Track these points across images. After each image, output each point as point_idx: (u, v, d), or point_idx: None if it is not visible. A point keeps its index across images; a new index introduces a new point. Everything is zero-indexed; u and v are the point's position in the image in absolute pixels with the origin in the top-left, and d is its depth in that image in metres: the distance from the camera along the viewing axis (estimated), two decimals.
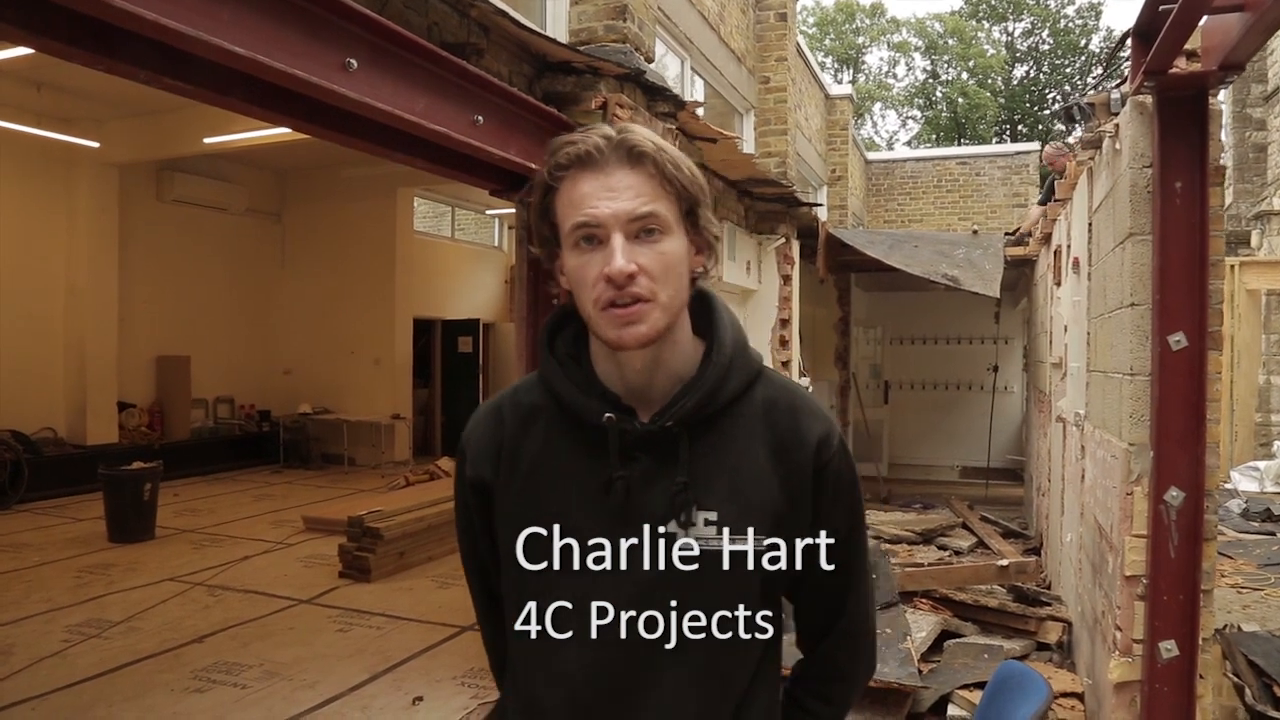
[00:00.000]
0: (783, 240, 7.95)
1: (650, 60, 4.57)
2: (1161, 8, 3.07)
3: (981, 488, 11.45)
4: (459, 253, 14.46)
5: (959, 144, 29.10)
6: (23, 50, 6.01)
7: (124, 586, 6.21)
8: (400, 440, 12.34)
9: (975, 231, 9.96)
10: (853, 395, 11.64)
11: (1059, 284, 6.76)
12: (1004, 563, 5.35)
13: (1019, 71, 33.01)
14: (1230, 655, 4.37)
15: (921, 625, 4.98)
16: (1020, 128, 32.09)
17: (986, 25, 33.10)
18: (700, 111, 4.82)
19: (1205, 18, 3.26)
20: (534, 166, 3.79)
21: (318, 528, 8.01)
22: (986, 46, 32.50)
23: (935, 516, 9.26)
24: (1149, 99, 3.57)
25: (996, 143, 29.19)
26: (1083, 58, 31.84)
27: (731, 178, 6.64)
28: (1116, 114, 4.07)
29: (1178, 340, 3.66)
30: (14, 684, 4.43)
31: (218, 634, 5.26)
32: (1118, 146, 3.91)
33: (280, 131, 5.77)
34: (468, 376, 13.26)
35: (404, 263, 12.55)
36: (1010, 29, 33.07)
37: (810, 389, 9.18)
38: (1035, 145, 16.22)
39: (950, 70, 32.93)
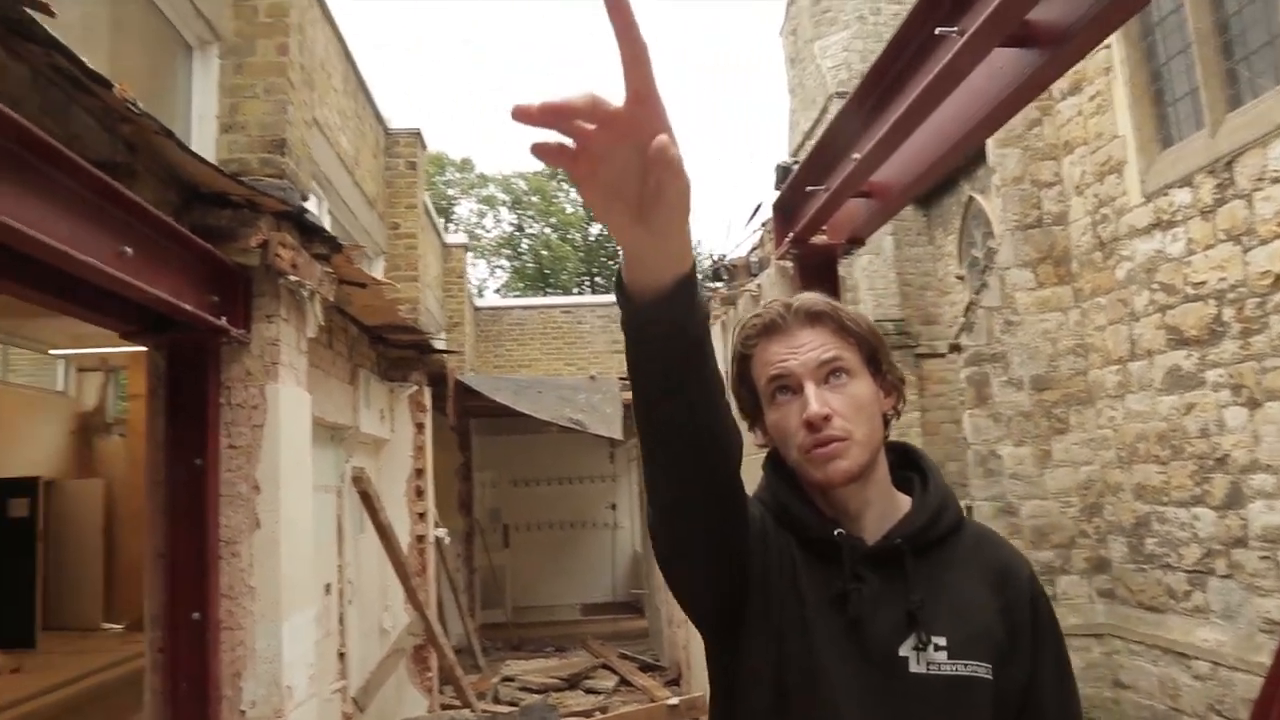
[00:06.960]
0: (415, 388, 7.73)
1: (305, 198, 4.26)
2: (809, 189, 3.52)
3: (604, 623, 11.71)
4: (11, 398, 12.04)
5: (545, 293, 31.01)
6: None
7: None
8: None
9: (593, 377, 10.52)
10: (478, 541, 11.42)
11: None
12: (673, 701, 5.43)
13: (595, 229, 36.38)
14: None
15: None
16: (598, 279, 35.06)
17: (565, 186, 36.25)
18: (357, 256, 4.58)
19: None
20: (186, 307, 3.28)
21: None
22: (566, 205, 35.48)
23: (575, 660, 9.25)
24: (789, 264, 4.05)
25: (578, 293, 31.58)
26: None
27: (369, 323, 6.34)
28: (755, 275, 4.57)
29: None
30: None
31: None
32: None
33: None
34: (21, 544, 10.85)
35: None
36: None
37: (449, 539, 8.85)
38: None
39: (534, 224, 35.32)
